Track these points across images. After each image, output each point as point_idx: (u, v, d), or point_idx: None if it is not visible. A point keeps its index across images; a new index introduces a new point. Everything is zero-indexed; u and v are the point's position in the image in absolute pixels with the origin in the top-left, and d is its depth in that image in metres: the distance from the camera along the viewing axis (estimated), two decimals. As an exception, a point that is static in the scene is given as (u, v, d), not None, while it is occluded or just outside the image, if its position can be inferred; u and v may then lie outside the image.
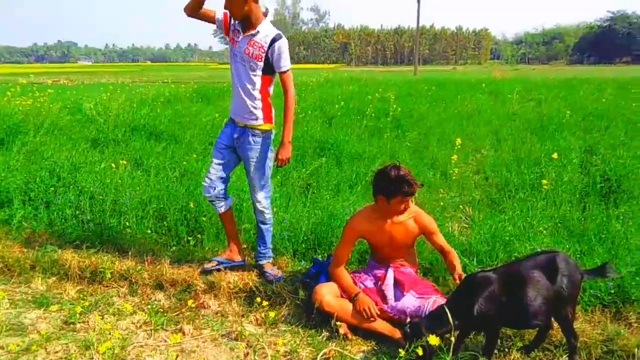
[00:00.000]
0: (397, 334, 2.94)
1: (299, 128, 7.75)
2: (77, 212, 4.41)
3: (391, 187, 2.94)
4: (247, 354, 2.90)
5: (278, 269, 3.71)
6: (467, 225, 4.64)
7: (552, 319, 2.69)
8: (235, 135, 3.49)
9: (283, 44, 3.31)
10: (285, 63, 3.35)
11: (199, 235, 4.15)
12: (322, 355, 2.81)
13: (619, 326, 2.87)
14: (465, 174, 6.26)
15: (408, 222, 3.15)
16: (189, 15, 3.35)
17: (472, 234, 3.96)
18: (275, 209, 4.27)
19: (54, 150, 6.14)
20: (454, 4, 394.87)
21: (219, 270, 3.68)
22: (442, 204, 5.02)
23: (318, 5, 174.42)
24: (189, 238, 4.12)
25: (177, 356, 2.89)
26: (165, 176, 5.09)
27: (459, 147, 7.11)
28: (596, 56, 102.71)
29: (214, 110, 10.10)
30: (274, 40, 3.28)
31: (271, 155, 3.56)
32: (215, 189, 3.54)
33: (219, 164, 3.54)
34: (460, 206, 4.97)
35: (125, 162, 5.21)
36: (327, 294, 3.10)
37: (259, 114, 3.42)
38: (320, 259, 3.63)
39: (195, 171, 5.27)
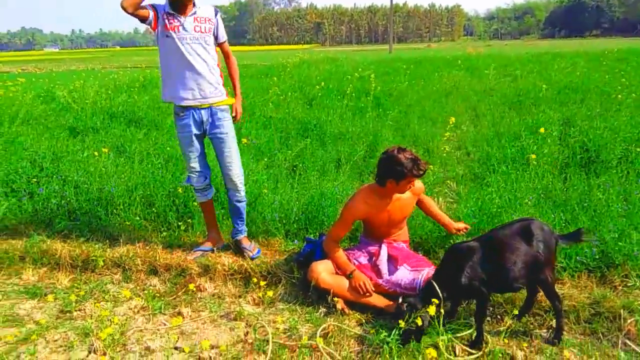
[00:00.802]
0: (392, 307, 3.02)
1: (281, 110, 7.73)
2: (63, 201, 4.35)
3: (403, 170, 2.96)
4: (247, 332, 2.95)
5: (257, 244, 3.83)
6: (452, 200, 4.74)
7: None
8: (205, 119, 3.49)
9: (219, 16, 3.53)
10: (224, 33, 3.54)
11: (189, 220, 4.15)
12: (321, 330, 2.87)
13: (604, 289, 3.00)
14: (443, 150, 6.35)
15: (405, 194, 3.22)
16: (130, 14, 3.18)
17: (460, 208, 4.05)
18: (265, 191, 4.29)
19: (32, 140, 6.01)
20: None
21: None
22: (426, 180, 5.10)
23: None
24: (179, 223, 4.12)
25: (178, 338, 2.92)
26: (150, 163, 5.04)
27: (440, 124, 7.24)
28: (567, 30, 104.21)
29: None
30: (216, 12, 3.48)
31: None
32: (206, 177, 3.66)
33: (199, 155, 3.60)
34: (448, 182, 5.07)
35: (107, 150, 5.14)
36: (323, 271, 3.16)
37: (222, 88, 3.52)
38: (313, 238, 3.68)
39: (180, 157, 5.24)
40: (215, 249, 3.79)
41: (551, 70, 13.65)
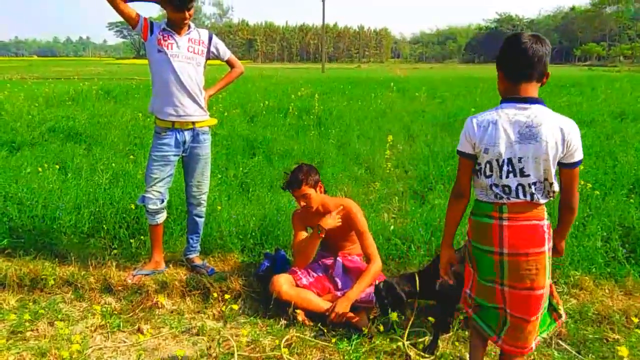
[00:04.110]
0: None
1: (225, 126, 7.78)
2: (5, 219, 4.17)
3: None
4: (210, 347, 3.00)
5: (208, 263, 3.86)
6: (395, 216, 5.02)
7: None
8: (187, 139, 3.54)
9: (217, 37, 3.69)
10: (226, 50, 3.74)
11: (141, 237, 4.12)
12: (285, 341, 2.99)
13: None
14: (386, 168, 6.67)
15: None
16: (113, 6, 3.28)
17: (406, 222, 4.33)
18: (219, 207, 4.35)
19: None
20: (355, 4, 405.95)
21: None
22: (370, 197, 5.37)
23: (221, 0, 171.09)
24: (132, 241, 4.08)
25: (140, 355, 2.92)
26: (97, 179, 4.93)
27: (378, 142, 7.60)
28: (486, 55, 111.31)
29: (129, 110, 9.77)
30: (211, 37, 3.61)
31: None
32: (164, 200, 3.63)
33: (169, 176, 3.61)
34: (393, 198, 5.36)
35: (56, 166, 4.98)
36: (285, 284, 3.28)
37: (205, 109, 3.60)
38: (271, 253, 3.79)
39: (129, 173, 5.17)
40: (156, 272, 3.72)
41: (475, 94, 14.63)
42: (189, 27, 3.50)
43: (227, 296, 3.34)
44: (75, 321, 3.27)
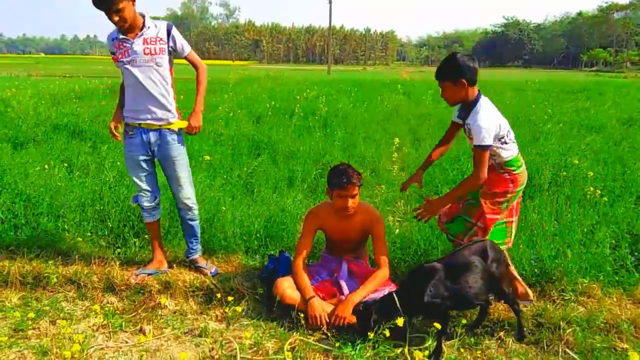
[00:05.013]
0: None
1: (231, 127, 7.76)
2: (10, 216, 4.16)
3: (331, 180, 3.21)
4: (213, 349, 2.97)
5: (212, 263, 3.82)
6: (400, 219, 4.98)
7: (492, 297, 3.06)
8: (152, 140, 3.43)
9: (176, 30, 3.41)
10: (187, 45, 3.45)
11: (145, 236, 4.09)
12: (288, 345, 2.96)
13: (544, 302, 3.30)
14: (392, 171, 6.64)
15: (356, 220, 3.35)
16: None
17: (412, 226, 4.29)
18: (223, 208, 4.33)
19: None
20: (362, 6, 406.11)
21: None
22: (375, 200, 5.33)
23: (227, 1, 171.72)
24: (135, 240, 4.06)
25: (141, 356, 2.89)
26: (103, 177, 4.92)
27: (384, 145, 7.56)
28: (490, 60, 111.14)
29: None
30: (169, 30, 3.35)
31: (185, 148, 3.61)
32: (156, 197, 3.61)
33: (147, 176, 3.55)
34: (398, 201, 5.32)
35: (64, 164, 4.97)
36: (288, 287, 3.25)
37: (174, 111, 3.46)
38: (275, 255, 3.76)
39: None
40: (159, 272, 3.68)
41: (482, 98, 14.52)
42: (143, 25, 3.28)
43: (230, 298, 3.31)
44: (78, 320, 3.25)
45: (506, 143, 3.08)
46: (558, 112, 11.07)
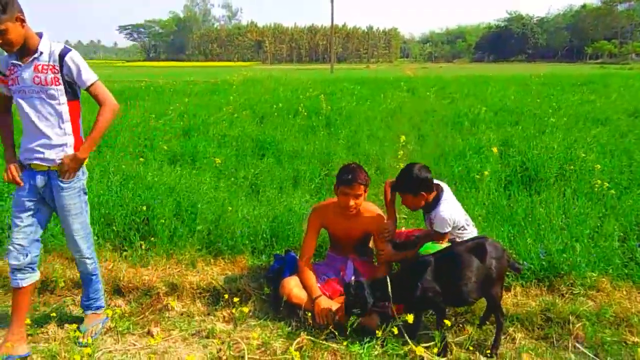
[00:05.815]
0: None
1: (235, 128, 7.76)
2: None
3: (339, 176, 3.24)
4: (220, 350, 2.97)
5: (104, 320, 3.21)
6: (405, 216, 4.96)
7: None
8: (40, 185, 2.84)
9: (75, 56, 2.79)
10: (88, 75, 2.82)
11: (152, 239, 4.10)
12: (296, 344, 2.95)
13: (553, 297, 3.28)
14: (397, 168, 6.61)
15: (359, 220, 3.36)
16: None
17: (418, 223, 4.27)
18: (230, 209, 4.33)
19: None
20: (364, 4, 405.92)
21: None
22: (380, 198, 5.31)
23: (230, 2, 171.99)
24: (142, 242, 4.06)
25: (150, 358, 2.90)
26: (107, 181, 4.93)
27: (388, 143, 7.54)
28: (495, 54, 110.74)
29: (139, 112, 9.79)
30: (62, 56, 2.75)
31: (86, 197, 3.04)
32: (28, 255, 2.86)
33: (29, 225, 2.86)
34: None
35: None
36: (295, 287, 3.26)
37: (69, 150, 2.84)
38: (281, 255, 3.75)
39: (139, 174, 5.17)
40: (18, 357, 2.82)
41: (486, 94, 14.48)
42: (36, 48, 2.72)
43: (236, 299, 3.31)
44: (86, 324, 3.24)
45: (465, 229, 3.33)
46: (563, 105, 10.99)
